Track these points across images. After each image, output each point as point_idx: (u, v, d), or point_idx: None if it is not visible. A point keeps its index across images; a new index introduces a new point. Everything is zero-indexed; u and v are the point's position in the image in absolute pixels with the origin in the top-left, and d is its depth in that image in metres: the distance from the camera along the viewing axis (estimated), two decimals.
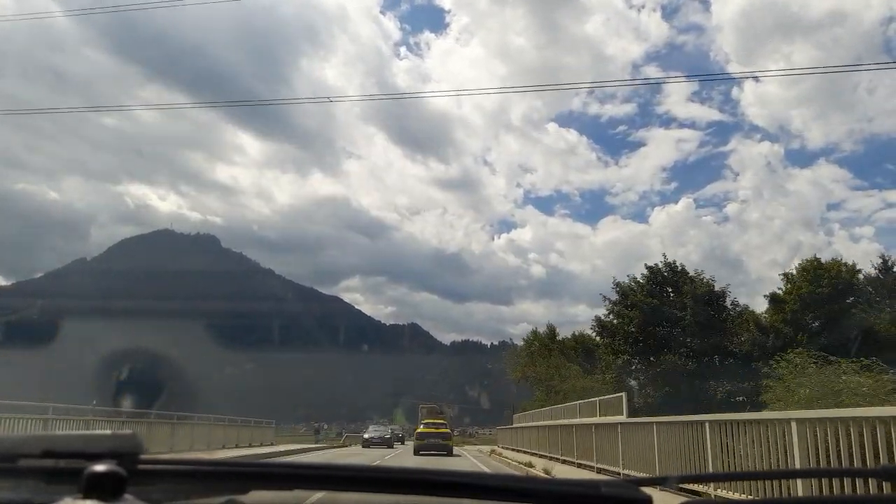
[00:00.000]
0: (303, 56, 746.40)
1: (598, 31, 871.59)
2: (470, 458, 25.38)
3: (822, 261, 31.33)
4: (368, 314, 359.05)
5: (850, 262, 31.29)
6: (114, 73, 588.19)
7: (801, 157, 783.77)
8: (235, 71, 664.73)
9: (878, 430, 5.80)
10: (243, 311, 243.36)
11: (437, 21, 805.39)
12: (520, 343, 47.55)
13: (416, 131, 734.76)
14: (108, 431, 1.08)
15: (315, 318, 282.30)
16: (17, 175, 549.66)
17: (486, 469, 19.20)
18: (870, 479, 5.32)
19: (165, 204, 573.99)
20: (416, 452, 24.53)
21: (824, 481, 6.16)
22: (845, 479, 5.82)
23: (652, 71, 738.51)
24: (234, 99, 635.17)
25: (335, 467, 1.11)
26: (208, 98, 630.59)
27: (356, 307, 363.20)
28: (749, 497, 6.66)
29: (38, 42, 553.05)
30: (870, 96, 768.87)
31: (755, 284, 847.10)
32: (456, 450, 32.91)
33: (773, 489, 7.11)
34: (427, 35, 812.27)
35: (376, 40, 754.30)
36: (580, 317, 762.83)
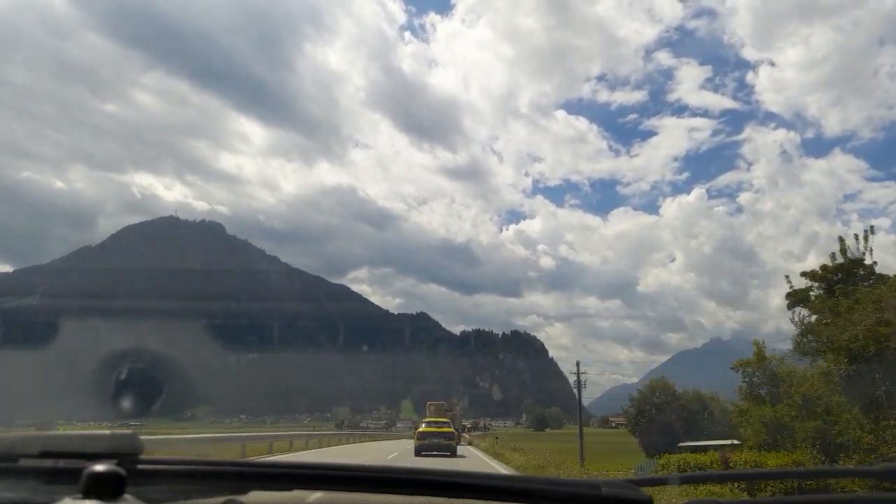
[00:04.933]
0: (306, 40, 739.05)
1: (609, 13, 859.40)
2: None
3: None
4: (376, 304, 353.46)
5: None
6: (114, 60, 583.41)
7: (817, 146, 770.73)
8: (238, 55, 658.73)
9: None
10: (247, 300, 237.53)
11: (442, 1, 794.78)
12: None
13: (423, 118, 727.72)
14: (107, 431, 1.09)
15: (321, 307, 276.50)
16: (23, 164, 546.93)
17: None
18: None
19: (171, 193, 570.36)
20: (417, 453, 23.02)
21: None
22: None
23: (664, 56, 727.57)
24: (237, 84, 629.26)
25: (335, 467, 1.11)
26: (211, 84, 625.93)
27: (364, 296, 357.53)
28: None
29: (38, 27, 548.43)
30: (891, 82, 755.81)
31: (769, 276, 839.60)
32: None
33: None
34: (432, 17, 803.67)
35: (380, 23, 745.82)
36: (590, 309, 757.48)
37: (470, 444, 43.86)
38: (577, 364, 38.14)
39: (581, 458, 22.54)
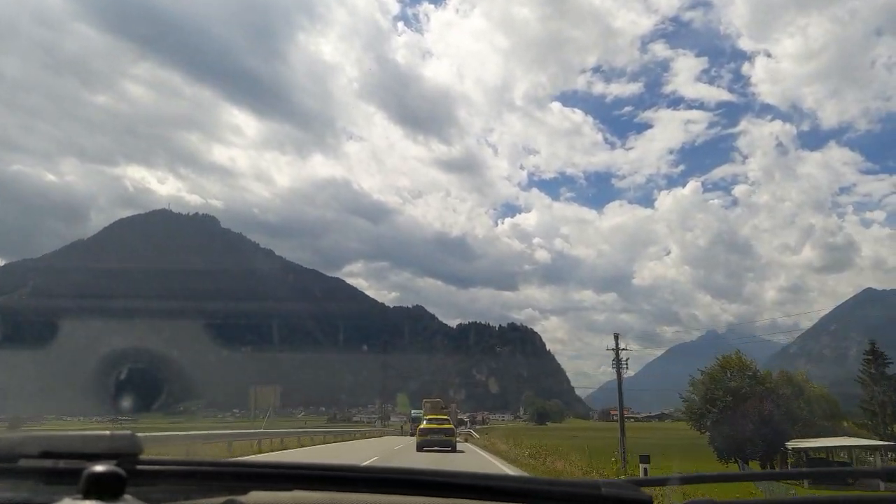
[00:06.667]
0: (300, 30, 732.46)
1: (605, 3, 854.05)
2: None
3: None
4: (372, 297, 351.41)
5: None
6: (104, 50, 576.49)
7: (813, 139, 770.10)
8: (231, 46, 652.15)
9: None
10: (241, 294, 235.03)
11: None
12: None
13: (417, 110, 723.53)
14: (107, 432, 1.08)
15: (316, 301, 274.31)
16: (13, 157, 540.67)
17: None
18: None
19: (164, 187, 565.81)
20: (419, 449, 23.82)
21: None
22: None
23: (659, 47, 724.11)
24: (230, 75, 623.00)
25: (335, 468, 1.10)
26: (204, 75, 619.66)
27: (359, 290, 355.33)
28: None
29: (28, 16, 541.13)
30: (888, 73, 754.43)
31: (764, 269, 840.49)
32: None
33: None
34: (426, 6, 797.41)
35: (374, 12, 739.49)
36: (586, 302, 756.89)
37: (466, 440, 37.67)
38: (616, 338, 30.12)
39: (623, 461, 19.11)
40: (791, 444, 31.05)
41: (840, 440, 33.59)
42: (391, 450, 26.21)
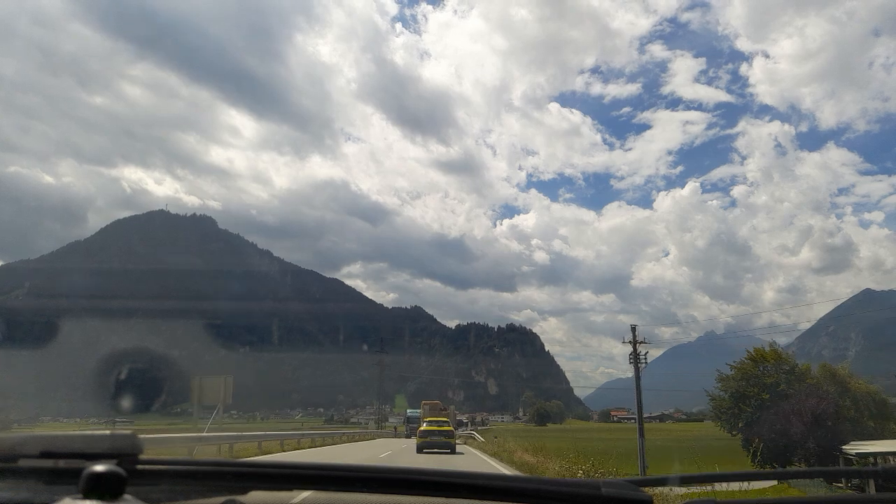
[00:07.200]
0: (297, 31, 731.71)
1: (603, 4, 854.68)
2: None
3: None
4: (370, 298, 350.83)
5: None
6: (101, 51, 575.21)
7: (811, 140, 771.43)
8: (229, 46, 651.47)
9: None
10: (239, 294, 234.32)
11: None
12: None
13: (416, 111, 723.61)
14: (107, 431, 1.09)
15: (314, 302, 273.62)
16: (10, 158, 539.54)
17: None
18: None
19: (162, 188, 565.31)
20: (420, 451, 24.03)
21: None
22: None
23: (658, 48, 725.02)
24: (227, 75, 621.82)
25: (335, 467, 1.11)
26: (201, 75, 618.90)
27: (357, 290, 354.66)
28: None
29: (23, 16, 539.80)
30: (886, 73, 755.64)
31: (763, 270, 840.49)
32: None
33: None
34: (424, 7, 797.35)
35: (372, 13, 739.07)
36: (584, 304, 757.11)
37: (466, 443, 36.38)
38: (633, 329, 27.59)
39: (642, 462, 17.78)
40: (852, 449, 26.53)
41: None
42: (374, 458, 21.67)
